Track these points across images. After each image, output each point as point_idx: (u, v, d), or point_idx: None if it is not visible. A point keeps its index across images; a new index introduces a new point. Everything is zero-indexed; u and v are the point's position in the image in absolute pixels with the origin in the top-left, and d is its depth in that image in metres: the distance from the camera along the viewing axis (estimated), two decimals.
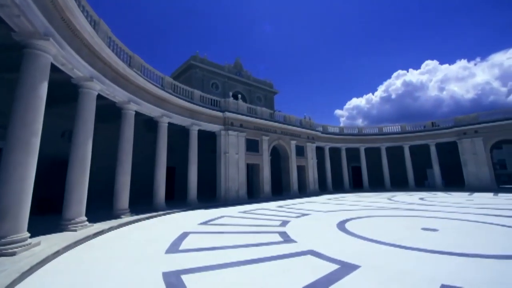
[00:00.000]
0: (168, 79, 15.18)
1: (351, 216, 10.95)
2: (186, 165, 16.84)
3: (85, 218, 8.48)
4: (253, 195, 21.66)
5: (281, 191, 24.43)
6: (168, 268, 4.88)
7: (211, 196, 20.04)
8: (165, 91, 14.40)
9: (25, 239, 5.65)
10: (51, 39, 6.36)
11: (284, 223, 9.65)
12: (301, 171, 25.60)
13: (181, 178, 19.22)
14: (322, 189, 28.18)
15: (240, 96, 22.26)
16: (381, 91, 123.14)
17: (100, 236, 7.95)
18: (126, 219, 10.33)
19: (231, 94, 21.70)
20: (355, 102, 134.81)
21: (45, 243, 6.15)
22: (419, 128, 29.90)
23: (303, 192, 25.07)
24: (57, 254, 5.73)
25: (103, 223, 9.25)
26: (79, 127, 8.77)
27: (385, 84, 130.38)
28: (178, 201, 18.00)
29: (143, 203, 14.63)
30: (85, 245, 6.88)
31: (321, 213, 12.33)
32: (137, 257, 5.68)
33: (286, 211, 13.07)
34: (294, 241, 6.81)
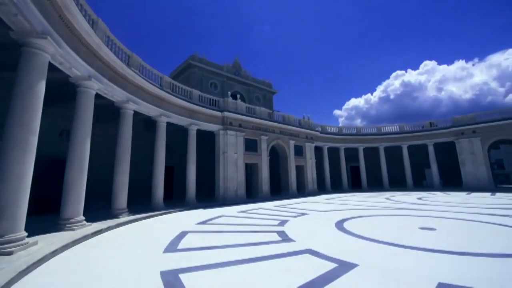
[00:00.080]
0: (166, 78, 15.16)
1: (349, 216, 10.97)
2: (185, 165, 16.83)
3: (83, 218, 8.46)
4: (251, 194, 21.65)
5: (279, 191, 24.44)
6: (166, 267, 4.87)
7: (209, 196, 20.02)
8: (163, 90, 14.37)
9: (22, 238, 5.63)
10: (49, 38, 6.34)
11: (282, 222, 9.66)
12: (299, 171, 25.62)
13: (179, 178, 19.20)
14: (321, 189, 28.22)
15: (239, 95, 22.28)
16: (379, 91, 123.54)
17: (98, 235, 7.93)
18: (124, 218, 10.31)
19: (230, 93, 21.66)
20: (353, 102, 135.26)
21: (42, 243, 6.13)
22: (418, 128, 30.00)
23: (301, 192, 25.09)
24: (54, 253, 5.71)
25: (101, 222, 9.23)
26: (77, 126, 8.74)
27: (384, 84, 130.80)
28: (176, 200, 17.98)
29: (142, 203, 14.61)
30: (83, 244, 6.86)
31: (319, 212, 12.34)
32: (135, 256, 5.67)
33: (284, 211, 13.08)
34: (292, 240, 6.82)
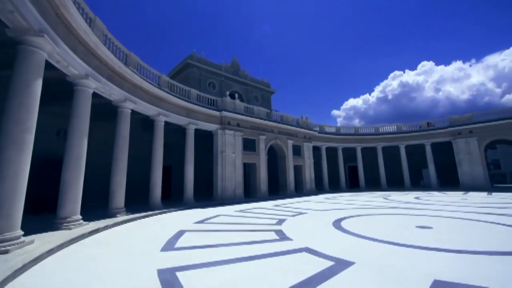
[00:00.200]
0: (164, 78, 15.13)
1: (347, 215, 11.00)
2: (183, 164, 16.79)
3: (80, 217, 8.42)
4: (249, 194, 21.65)
5: (277, 190, 24.46)
6: (163, 265, 4.86)
7: (207, 196, 19.99)
8: (161, 90, 14.34)
9: (18, 237, 5.60)
10: (46, 36, 6.31)
11: (280, 221, 9.67)
12: (298, 170, 25.66)
13: (177, 177, 19.18)
14: (319, 189, 28.27)
15: (237, 95, 22.36)
16: (377, 91, 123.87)
17: (95, 234, 7.89)
18: (121, 218, 10.28)
19: (228, 93, 21.65)
20: (352, 102, 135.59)
21: (38, 241, 6.10)
22: (415, 128, 30.14)
23: (299, 191, 25.12)
24: (51, 252, 5.68)
25: (98, 221, 9.19)
26: (74, 125, 8.70)
27: (382, 84, 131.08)
28: (174, 200, 17.94)
29: (139, 202, 14.57)
30: (80, 243, 6.83)
31: (317, 212, 12.37)
32: (132, 255, 5.65)
33: (282, 210, 13.09)
34: (290, 239, 6.83)
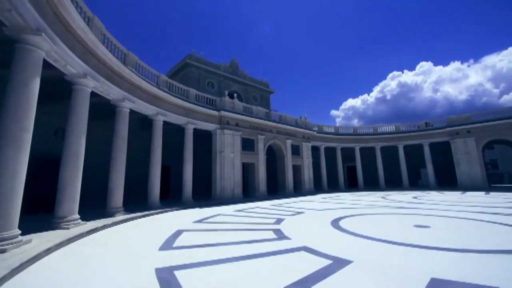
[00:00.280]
0: (163, 77, 15.11)
1: (345, 214, 11.03)
2: (182, 164, 16.77)
3: (78, 216, 8.39)
4: (248, 194, 21.66)
5: (276, 190, 24.47)
6: (161, 264, 4.86)
7: (206, 195, 19.98)
8: (160, 89, 14.32)
9: (15, 236, 5.58)
10: (44, 35, 6.29)
11: (278, 221, 9.68)
12: (296, 170, 25.68)
13: (176, 177, 19.15)
14: (318, 189, 28.31)
15: (236, 95, 22.35)
16: (376, 91, 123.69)
17: (93, 234, 7.88)
18: (120, 217, 10.26)
19: (227, 93, 21.63)
20: (350, 102, 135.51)
21: (36, 241, 6.09)
22: (413, 128, 30.25)
23: (298, 191, 25.16)
24: (48, 251, 5.67)
25: (96, 221, 9.17)
26: (72, 124, 8.68)
27: (381, 85, 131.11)
28: (173, 200, 17.92)
29: (138, 202, 14.53)
30: (78, 242, 6.82)
31: (315, 211, 12.40)
32: (130, 254, 5.65)
33: (281, 210, 13.11)
34: (288, 238, 6.84)
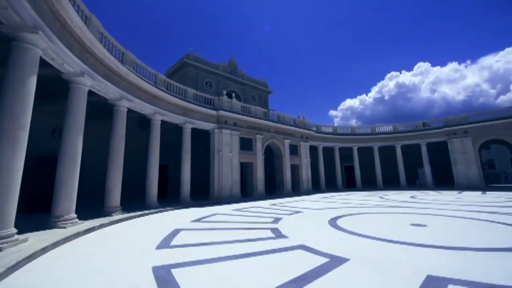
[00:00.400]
0: (161, 76, 15.08)
1: (343, 213, 11.07)
2: (179, 163, 16.74)
3: (74, 215, 8.36)
4: (246, 193, 21.67)
5: (274, 189, 24.50)
6: (158, 262, 4.86)
7: (204, 195, 19.97)
8: (158, 88, 14.29)
9: (12, 235, 5.55)
10: (40, 33, 6.26)
11: (276, 220, 9.70)
12: (294, 170, 25.72)
13: (174, 176, 19.11)
14: (316, 188, 28.37)
15: (234, 95, 22.27)
16: (374, 92, 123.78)
17: (90, 233, 7.85)
18: (117, 216, 10.22)
19: (225, 92, 21.64)
20: (349, 103, 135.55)
21: (33, 240, 6.06)
22: (411, 128, 30.40)
23: (296, 191, 25.20)
24: (45, 250, 5.64)
25: (93, 220, 9.14)
26: (69, 123, 8.64)
27: (379, 85, 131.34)
28: (171, 199, 17.89)
29: (135, 202, 14.51)
30: (74, 241, 6.79)
31: (313, 210, 12.42)
32: (128, 253, 5.64)
33: (279, 209, 13.13)
34: (285, 237, 6.86)
